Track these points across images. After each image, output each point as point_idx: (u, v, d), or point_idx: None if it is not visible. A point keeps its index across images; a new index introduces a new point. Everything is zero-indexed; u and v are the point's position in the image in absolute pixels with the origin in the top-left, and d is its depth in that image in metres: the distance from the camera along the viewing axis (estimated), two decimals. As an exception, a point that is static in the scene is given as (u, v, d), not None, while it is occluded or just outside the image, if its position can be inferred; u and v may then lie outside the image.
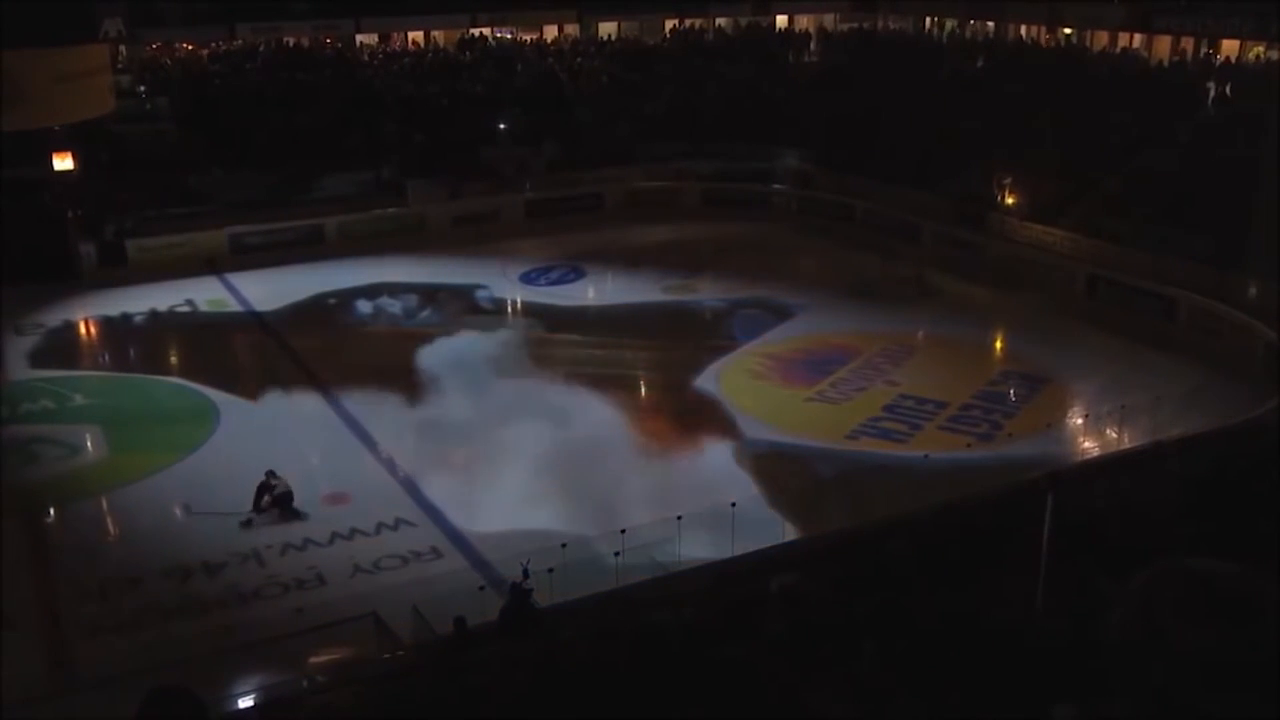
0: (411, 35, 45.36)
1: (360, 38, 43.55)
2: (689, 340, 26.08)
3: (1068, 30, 41.13)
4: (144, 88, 37.55)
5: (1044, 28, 41.78)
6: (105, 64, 27.56)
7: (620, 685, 8.07)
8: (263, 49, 41.85)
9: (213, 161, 33.99)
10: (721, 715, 7.39)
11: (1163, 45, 38.24)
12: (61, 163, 29.64)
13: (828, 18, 49.91)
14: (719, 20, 48.11)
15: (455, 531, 17.11)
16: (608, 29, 46.91)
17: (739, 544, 15.23)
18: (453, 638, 12.01)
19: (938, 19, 46.79)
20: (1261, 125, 26.83)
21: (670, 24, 47.53)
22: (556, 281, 30.87)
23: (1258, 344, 23.57)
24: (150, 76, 38.71)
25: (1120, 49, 39.26)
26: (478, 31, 44.43)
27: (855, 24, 48.80)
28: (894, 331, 26.23)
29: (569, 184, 37.11)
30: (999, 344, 27.27)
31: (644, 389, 23.90)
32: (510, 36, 46.22)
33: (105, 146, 32.71)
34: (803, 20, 49.57)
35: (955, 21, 45.71)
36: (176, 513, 18.12)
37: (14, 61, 20.97)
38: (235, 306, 28.66)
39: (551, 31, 46.51)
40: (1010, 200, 31.51)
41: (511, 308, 29.23)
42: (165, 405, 22.58)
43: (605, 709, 7.74)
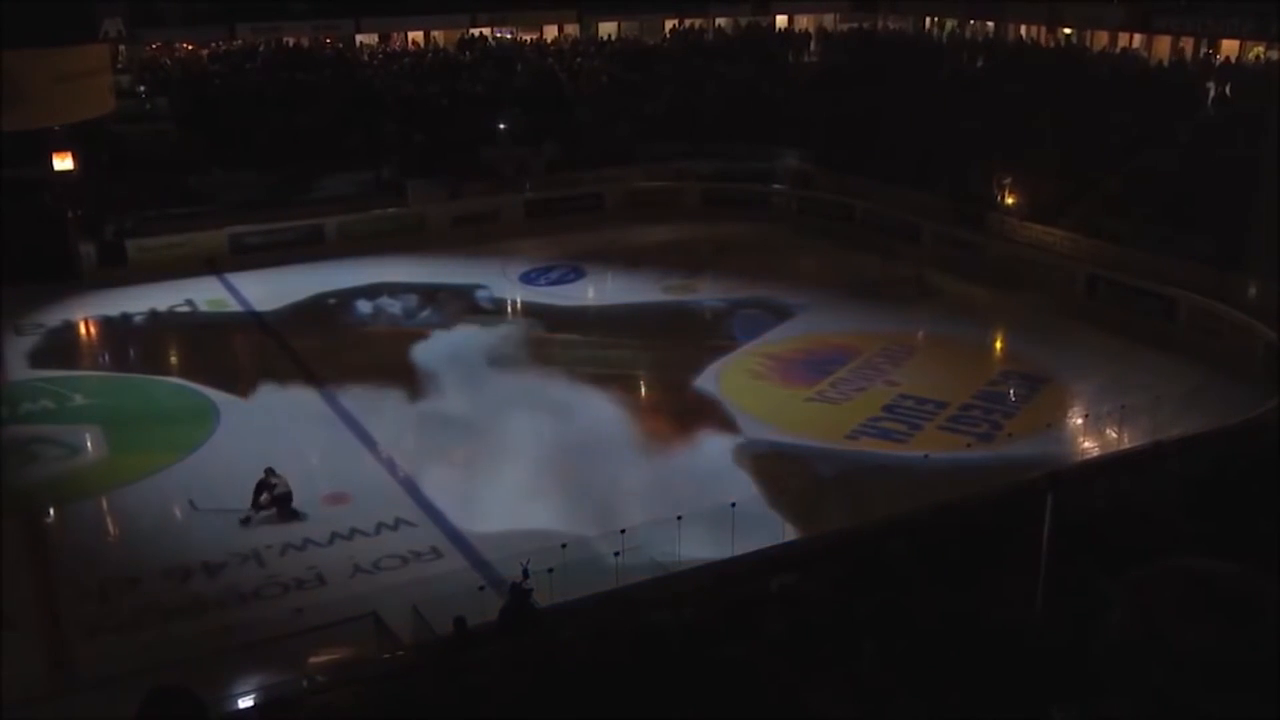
0: (411, 35, 45.35)
1: (360, 38, 43.55)
2: (689, 340, 26.08)
3: (1067, 30, 41.10)
4: (144, 88, 37.54)
5: (1044, 28, 41.74)
6: (105, 64, 27.61)
7: (620, 685, 8.07)
8: (263, 49, 41.85)
9: (213, 161, 33.96)
10: (721, 715, 7.39)
11: (1162, 45, 38.22)
12: (61, 163, 29.60)
13: (828, 18, 49.91)
14: (719, 20, 48.08)
15: (455, 531, 17.10)
16: (608, 29, 46.90)
17: (739, 544, 15.22)
18: (453, 638, 12.01)
19: (938, 19, 46.76)
20: (1261, 125, 26.82)
21: (670, 24, 47.52)
22: (556, 281, 30.86)
23: (1258, 344, 23.55)
24: (150, 76, 38.71)
25: (1120, 49, 39.24)
26: (478, 31, 44.43)
27: (855, 24, 48.80)
28: (894, 331, 26.22)
29: (569, 184, 37.07)
30: (999, 344, 27.24)
31: (644, 389, 23.88)
32: (510, 36, 46.22)
33: (105, 146, 32.67)
34: (802, 20, 49.56)
35: (955, 21, 45.67)
36: (176, 513, 18.11)
37: (14, 61, 21.00)
38: (235, 306, 28.65)
39: (551, 31, 46.50)
40: (1010, 200, 31.48)
41: (511, 308, 29.22)
42: (165, 405, 22.58)
43: (605, 709, 7.75)
